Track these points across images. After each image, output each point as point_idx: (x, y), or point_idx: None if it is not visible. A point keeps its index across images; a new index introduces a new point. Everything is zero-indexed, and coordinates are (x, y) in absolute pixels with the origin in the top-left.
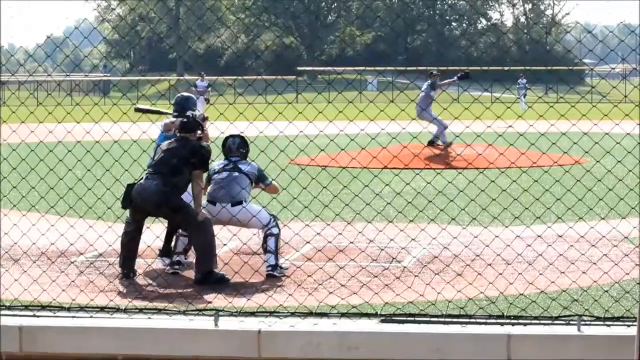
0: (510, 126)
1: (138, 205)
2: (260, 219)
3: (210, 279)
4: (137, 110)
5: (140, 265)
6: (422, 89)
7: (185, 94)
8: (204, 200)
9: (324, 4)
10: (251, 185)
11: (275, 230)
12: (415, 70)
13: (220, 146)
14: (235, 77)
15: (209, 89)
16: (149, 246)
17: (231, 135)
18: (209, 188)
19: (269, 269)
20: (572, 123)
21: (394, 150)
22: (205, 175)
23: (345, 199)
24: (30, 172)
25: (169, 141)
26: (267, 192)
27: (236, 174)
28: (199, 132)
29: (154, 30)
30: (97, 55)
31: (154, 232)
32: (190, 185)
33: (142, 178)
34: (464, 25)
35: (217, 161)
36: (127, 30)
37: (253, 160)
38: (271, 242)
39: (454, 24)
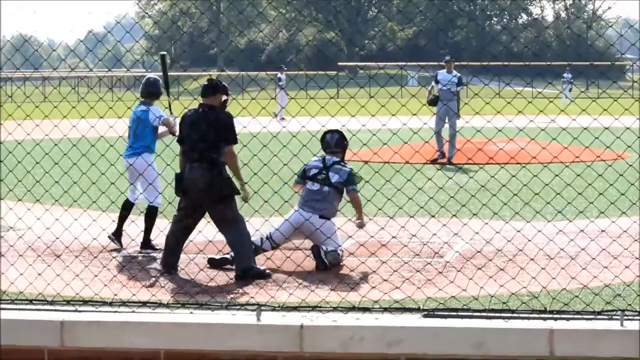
0: (553, 120)
1: (191, 193)
2: (335, 239)
3: (250, 275)
4: (162, 57)
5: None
6: (446, 79)
7: (152, 76)
8: (295, 207)
9: None
10: (340, 196)
11: (339, 256)
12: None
13: (319, 139)
14: (275, 72)
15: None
16: (190, 241)
17: (330, 131)
18: (301, 196)
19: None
20: (615, 117)
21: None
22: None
23: (387, 194)
24: (73, 166)
25: (190, 113)
26: (350, 200)
27: (326, 188)
28: (224, 96)
29: (195, 25)
30: (137, 51)
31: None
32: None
33: (187, 166)
34: (505, 20)
35: (313, 159)
36: (168, 26)
37: (345, 164)
38: (332, 257)
39: (494, 19)
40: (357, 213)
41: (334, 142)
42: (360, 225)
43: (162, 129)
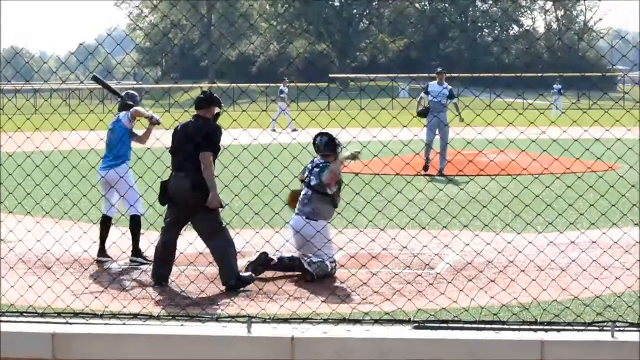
0: (543, 132)
1: (175, 201)
2: (326, 249)
3: (237, 286)
4: (94, 78)
5: (172, 272)
6: (437, 90)
7: (131, 91)
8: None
9: (355, 10)
10: (324, 199)
11: (331, 268)
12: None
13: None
14: (267, 85)
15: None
16: (181, 253)
17: (320, 134)
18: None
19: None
20: (605, 129)
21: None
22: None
23: (378, 206)
24: (63, 179)
25: (183, 124)
26: (327, 181)
27: (310, 192)
28: (217, 108)
29: (186, 37)
30: (128, 63)
31: (187, 238)
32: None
33: (172, 174)
34: (496, 31)
35: (310, 163)
36: (159, 38)
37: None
38: (318, 267)
39: (486, 30)
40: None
41: (323, 144)
42: (353, 157)
43: (140, 131)
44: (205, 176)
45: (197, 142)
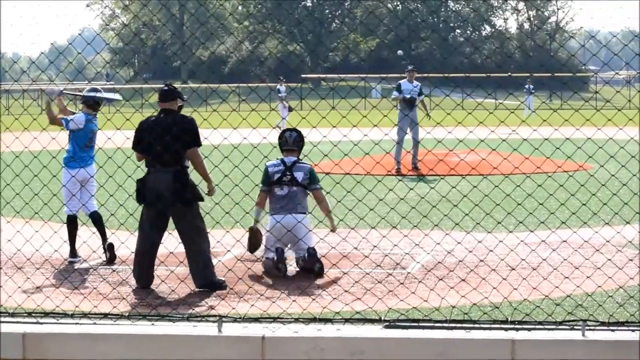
0: (514, 131)
1: (153, 199)
2: (309, 236)
3: (211, 285)
4: (61, 93)
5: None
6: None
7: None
8: (268, 215)
9: (327, 10)
10: (306, 194)
11: (316, 266)
12: (419, 77)
13: (278, 137)
14: (237, 85)
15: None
16: (171, 252)
17: (288, 129)
18: (271, 203)
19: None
20: (576, 128)
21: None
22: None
23: (348, 205)
24: (33, 179)
25: (152, 119)
26: (314, 198)
27: (295, 189)
28: (181, 99)
29: (158, 37)
30: (100, 63)
31: (173, 238)
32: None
33: (148, 172)
34: (468, 31)
35: (272, 161)
36: (130, 38)
37: (304, 162)
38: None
39: (457, 30)
40: (327, 215)
41: (292, 139)
42: (334, 229)
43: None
44: (199, 171)
45: (180, 138)
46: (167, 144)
